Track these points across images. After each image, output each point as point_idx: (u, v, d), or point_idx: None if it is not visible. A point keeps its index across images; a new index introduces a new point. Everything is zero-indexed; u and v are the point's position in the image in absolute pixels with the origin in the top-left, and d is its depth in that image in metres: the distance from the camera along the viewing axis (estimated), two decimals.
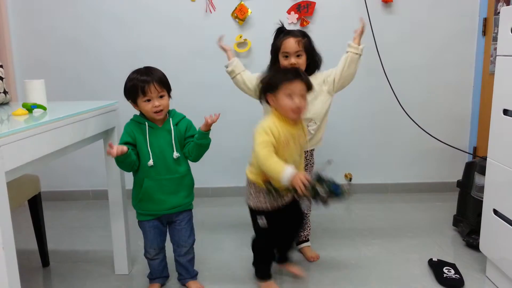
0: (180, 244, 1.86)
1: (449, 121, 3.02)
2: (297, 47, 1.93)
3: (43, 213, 2.12)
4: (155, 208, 1.78)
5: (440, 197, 2.97)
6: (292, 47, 1.92)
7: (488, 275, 1.94)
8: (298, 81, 1.63)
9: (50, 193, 2.97)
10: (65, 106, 1.82)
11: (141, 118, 1.77)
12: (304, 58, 1.96)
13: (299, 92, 1.63)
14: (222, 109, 2.54)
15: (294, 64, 1.92)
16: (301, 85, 1.64)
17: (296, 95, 1.62)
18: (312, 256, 2.14)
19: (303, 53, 1.95)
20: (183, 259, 1.88)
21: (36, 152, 1.39)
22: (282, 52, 1.95)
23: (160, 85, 1.71)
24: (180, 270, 1.92)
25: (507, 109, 1.74)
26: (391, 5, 2.87)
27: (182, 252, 1.87)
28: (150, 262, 1.89)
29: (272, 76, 1.70)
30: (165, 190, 1.76)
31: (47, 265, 2.15)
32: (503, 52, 1.77)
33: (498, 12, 2.63)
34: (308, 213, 2.18)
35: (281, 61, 1.97)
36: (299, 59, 1.94)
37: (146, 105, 1.71)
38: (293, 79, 1.63)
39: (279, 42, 1.96)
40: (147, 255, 1.87)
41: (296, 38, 1.94)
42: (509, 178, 1.72)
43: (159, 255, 1.87)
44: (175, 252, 1.89)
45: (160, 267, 1.90)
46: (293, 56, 1.93)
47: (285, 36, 1.96)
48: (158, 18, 2.89)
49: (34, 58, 2.94)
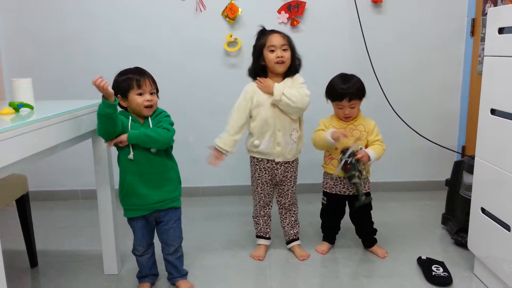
0: (168, 243, 1.86)
1: (438, 121, 3.05)
2: (283, 41, 1.96)
3: (31, 213, 2.10)
4: (140, 203, 1.77)
5: (429, 195, 2.99)
6: (278, 40, 1.95)
7: (476, 273, 1.96)
8: (346, 99, 2.00)
9: (38, 193, 2.95)
10: (53, 105, 1.80)
11: (125, 113, 1.77)
12: (289, 54, 1.98)
13: (349, 106, 2.01)
14: (211, 109, 2.56)
15: (281, 57, 1.94)
16: (347, 102, 2.01)
17: (346, 107, 2.02)
18: (302, 255, 2.15)
19: (289, 48, 1.98)
20: (171, 257, 1.88)
21: (23, 151, 1.38)
22: (268, 46, 1.96)
23: (153, 83, 1.77)
24: (169, 269, 1.92)
25: (495, 109, 1.76)
26: (381, 5, 2.88)
27: (171, 251, 1.87)
28: (138, 259, 1.89)
29: (331, 87, 2.06)
30: (148, 185, 1.75)
31: (35, 266, 2.13)
32: (490, 53, 1.79)
33: (486, 13, 2.65)
34: (296, 211, 2.19)
35: (267, 55, 1.97)
36: (285, 53, 1.96)
37: (138, 98, 1.72)
38: (342, 99, 2.00)
39: (264, 39, 1.98)
40: (136, 252, 1.87)
41: (281, 33, 1.99)
42: (496, 177, 1.74)
43: (148, 251, 1.88)
44: (164, 250, 1.89)
45: (148, 264, 1.90)
46: (279, 49, 1.95)
47: (270, 32, 1.99)
48: (148, 17, 2.87)
49: (22, 57, 2.90)
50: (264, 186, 2.11)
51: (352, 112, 2.04)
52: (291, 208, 2.17)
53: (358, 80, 2.03)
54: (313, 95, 2.01)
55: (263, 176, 2.10)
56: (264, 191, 2.12)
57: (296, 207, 2.19)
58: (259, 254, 2.15)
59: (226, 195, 3.04)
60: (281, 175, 2.09)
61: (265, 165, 2.08)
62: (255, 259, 2.14)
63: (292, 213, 2.18)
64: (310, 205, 2.48)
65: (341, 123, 2.08)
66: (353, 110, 2.03)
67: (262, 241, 2.20)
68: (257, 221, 2.19)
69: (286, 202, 2.15)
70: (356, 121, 2.07)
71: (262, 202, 2.15)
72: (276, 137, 2.02)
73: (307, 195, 2.71)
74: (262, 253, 2.16)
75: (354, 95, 2.00)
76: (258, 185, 2.12)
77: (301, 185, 2.36)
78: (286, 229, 2.19)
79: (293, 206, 2.18)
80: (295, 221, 2.19)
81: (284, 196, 2.14)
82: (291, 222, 2.18)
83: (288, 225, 2.18)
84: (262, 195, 2.13)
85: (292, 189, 2.14)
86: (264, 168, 2.08)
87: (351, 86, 1.99)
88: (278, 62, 1.96)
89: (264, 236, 2.20)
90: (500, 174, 1.71)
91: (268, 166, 2.08)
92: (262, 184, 2.11)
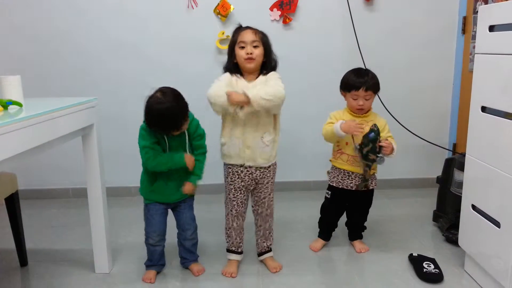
0: (185, 228, 1.98)
1: (430, 118, 3.06)
2: (254, 37, 1.84)
3: (21, 212, 2.08)
4: (163, 200, 1.93)
5: (420, 192, 3.01)
6: (249, 36, 1.83)
7: (467, 269, 1.98)
8: (363, 89, 2.01)
9: (28, 191, 2.93)
10: (42, 103, 1.77)
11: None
12: (261, 50, 1.84)
13: (364, 96, 2.02)
14: (204, 105, 2.52)
15: (251, 53, 1.82)
16: (364, 92, 2.01)
17: (360, 98, 2.03)
18: (275, 267, 2.03)
19: (260, 45, 1.85)
20: (188, 242, 2.00)
21: (12, 149, 1.36)
22: (239, 42, 1.84)
23: (180, 122, 1.80)
24: (184, 254, 2.03)
25: (485, 106, 1.77)
26: (373, 3, 2.88)
27: (188, 236, 1.98)
28: (151, 249, 1.97)
29: (347, 78, 2.07)
30: (175, 184, 1.90)
31: (25, 265, 2.11)
32: (481, 50, 1.80)
33: (477, 11, 2.67)
34: (272, 221, 2.05)
35: (238, 52, 1.85)
36: (255, 50, 1.83)
37: (175, 132, 1.83)
38: (359, 88, 2.01)
39: (236, 35, 1.87)
40: (150, 241, 1.95)
41: (252, 29, 1.87)
42: (486, 175, 1.75)
43: (161, 241, 1.97)
44: (181, 236, 2.00)
45: (160, 254, 1.99)
46: (249, 45, 1.82)
47: (243, 29, 1.88)
48: (139, 14, 2.84)
49: (10, 53, 2.87)
50: (237, 192, 1.94)
51: (366, 104, 2.04)
52: (267, 219, 2.02)
53: (374, 75, 2.06)
54: (304, 90, 2.01)
55: (235, 181, 1.93)
56: (237, 198, 1.95)
57: (272, 218, 2.05)
58: (231, 271, 1.99)
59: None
60: (257, 181, 1.94)
61: (237, 168, 1.92)
62: (227, 276, 1.98)
63: (268, 224, 2.03)
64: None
65: (353, 116, 2.07)
66: (367, 102, 2.04)
67: (233, 256, 2.03)
68: (229, 234, 2.01)
69: (263, 212, 2.00)
70: (367, 117, 2.07)
71: (235, 211, 1.96)
72: (246, 140, 1.87)
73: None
74: (235, 269, 2.00)
75: (371, 86, 2.01)
76: (231, 191, 1.94)
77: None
78: (259, 241, 2.06)
79: (270, 216, 2.03)
80: (270, 233, 2.05)
81: (260, 205, 1.99)
82: (266, 234, 2.04)
83: (262, 237, 2.05)
84: (235, 203, 1.95)
85: (269, 196, 1.99)
86: (236, 172, 1.92)
87: (368, 78, 2.02)
88: (247, 59, 1.83)
89: (236, 250, 2.03)
90: (491, 171, 1.72)
91: (241, 171, 1.92)
92: (235, 190, 1.94)
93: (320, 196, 2.26)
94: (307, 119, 2.94)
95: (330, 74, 2.67)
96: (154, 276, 1.97)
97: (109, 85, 2.89)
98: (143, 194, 1.95)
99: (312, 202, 2.50)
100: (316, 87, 2.95)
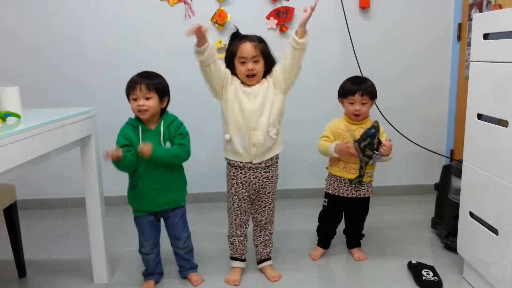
0: (176, 237, 1.98)
1: (427, 125, 3.08)
2: (254, 52, 1.82)
3: (19, 222, 2.07)
4: (149, 205, 1.90)
5: (418, 199, 3.01)
6: (249, 51, 1.81)
7: (466, 277, 1.98)
8: (359, 93, 2.03)
9: (27, 202, 2.91)
10: (40, 114, 1.78)
11: (135, 122, 1.86)
12: (262, 63, 1.85)
13: (360, 101, 2.04)
14: (201, 115, 2.55)
15: (252, 70, 1.82)
16: (360, 97, 2.03)
17: (357, 103, 2.04)
18: (274, 276, 2.03)
19: (261, 59, 1.84)
20: (181, 251, 2.00)
21: (10, 161, 1.36)
22: (239, 57, 1.83)
23: (148, 88, 1.80)
24: (180, 263, 2.03)
25: (481, 114, 1.78)
26: (369, 11, 2.91)
27: (180, 245, 1.98)
28: (145, 258, 1.97)
29: (344, 84, 2.10)
30: (157, 188, 1.87)
31: (24, 276, 2.10)
32: (476, 58, 1.82)
33: (471, 18, 2.68)
34: (272, 229, 2.07)
35: (238, 67, 1.85)
36: (256, 65, 1.83)
37: (133, 103, 1.82)
38: (355, 93, 2.03)
39: (234, 47, 1.84)
40: (143, 249, 1.95)
41: (252, 42, 1.83)
42: (484, 182, 1.76)
43: (154, 249, 1.97)
44: (173, 245, 2.01)
45: (154, 262, 1.99)
46: (250, 61, 1.82)
47: (241, 40, 1.84)
48: (136, 23, 2.86)
49: (8, 61, 2.87)
50: (241, 202, 1.96)
51: (362, 110, 2.04)
52: (267, 226, 2.04)
53: (372, 83, 2.09)
54: (301, 98, 2.01)
55: (240, 191, 1.94)
56: (241, 208, 1.97)
57: (272, 226, 2.06)
58: (235, 279, 2.00)
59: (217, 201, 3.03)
60: (260, 188, 1.95)
61: (242, 179, 1.92)
62: (231, 284, 1.99)
63: (268, 231, 2.05)
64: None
65: (350, 124, 2.08)
66: (363, 107, 2.04)
67: (237, 263, 2.04)
68: (232, 241, 2.03)
69: (263, 220, 2.02)
70: (364, 124, 2.07)
71: (239, 220, 1.99)
72: (252, 138, 1.87)
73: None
74: (238, 277, 2.01)
75: (367, 91, 2.04)
76: (235, 201, 1.97)
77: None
78: (259, 248, 2.07)
79: (270, 224, 2.05)
80: (269, 240, 2.06)
81: (261, 213, 2.01)
82: (265, 241, 2.05)
83: (261, 244, 2.05)
84: (239, 213, 1.98)
85: (270, 205, 2.01)
86: (241, 182, 1.93)
87: (365, 84, 2.05)
88: (248, 76, 1.84)
89: (240, 258, 2.04)
90: (488, 178, 1.73)
91: (245, 180, 1.93)
92: (239, 201, 1.96)
93: (318, 204, 2.27)
94: (304, 126, 2.94)
95: (327, 81, 2.68)
96: (152, 287, 1.97)
97: (107, 94, 2.89)
98: (130, 203, 1.94)
99: (310, 210, 2.49)
100: (313, 95, 2.96)
